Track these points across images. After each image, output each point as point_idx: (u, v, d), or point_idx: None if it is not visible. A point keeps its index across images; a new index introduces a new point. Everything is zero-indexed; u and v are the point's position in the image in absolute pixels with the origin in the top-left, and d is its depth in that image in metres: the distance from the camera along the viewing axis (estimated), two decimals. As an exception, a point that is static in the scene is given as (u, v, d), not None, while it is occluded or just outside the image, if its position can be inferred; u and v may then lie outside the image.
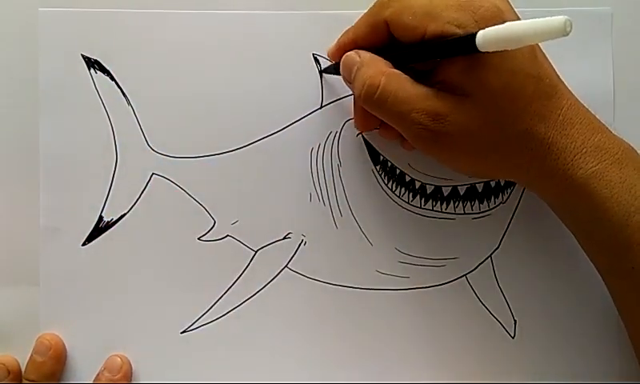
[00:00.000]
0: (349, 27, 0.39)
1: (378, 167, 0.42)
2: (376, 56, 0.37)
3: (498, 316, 0.42)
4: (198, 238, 0.42)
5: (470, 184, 0.42)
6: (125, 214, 0.42)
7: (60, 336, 0.41)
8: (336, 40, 0.40)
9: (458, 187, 0.42)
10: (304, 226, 0.42)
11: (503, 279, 0.43)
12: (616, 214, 0.34)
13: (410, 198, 0.42)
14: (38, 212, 0.41)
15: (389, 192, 0.42)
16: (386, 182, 0.42)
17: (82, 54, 0.42)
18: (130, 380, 0.41)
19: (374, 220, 0.42)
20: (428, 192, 0.42)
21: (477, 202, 0.42)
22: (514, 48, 0.31)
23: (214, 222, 0.42)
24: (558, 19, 0.29)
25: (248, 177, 0.42)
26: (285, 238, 0.42)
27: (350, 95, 0.42)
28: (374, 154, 0.42)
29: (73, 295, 0.41)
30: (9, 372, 0.41)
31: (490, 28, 0.31)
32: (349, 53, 0.38)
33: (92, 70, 0.42)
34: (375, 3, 0.38)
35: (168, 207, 0.42)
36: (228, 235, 0.42)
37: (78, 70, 0.42)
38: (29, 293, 0.42)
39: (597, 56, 0.43)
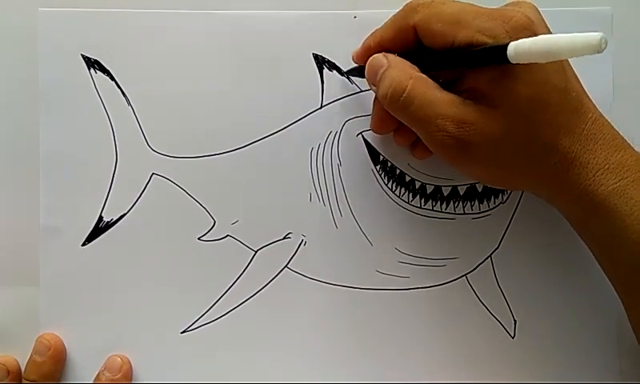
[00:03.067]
0: (376, 29, 0.39)
1: (378, 167, 0.42)
2: (403, 59, 0.37)
3: (498, 316, 0.42)
4: (198, 238, 0.42)
5: (470, 184, 0.42)
6: (125, 214, 0.42)
7: (60, 336, 0.41)
8: (362, 42, 0.40)
9: (458, 187, 0.42)
10: (304, 226, 0.42)
11: (503, 279, 0.43)
12: (636, 231, 0.34)
13: (410, 198, 0.42)
14: (38, 212, 0.41)
15: (389, 192, 0.42)
16: (386, 182, 0.42)
17: (81, 54, 0.42)
18: (130, 380, 0.41)
19: (374, 220, 0.42)
20: (428, 192, 0.42)
21: (477, 202, 0.42)
22: (545, 61, 0.31)
23: (214, 222, 0.42)
24: (593, 36, 0.29)
25: (248, 177, 0.42)
26: (285, 237, 0.42)
27: (350, 95, 0.42)
28: (374, 154, 0.42)
29: (73, 295, 0.41)
30: (8, 372, 0.41)
31: (522, 40, 0.31)
32: (376, 55, 0.38)
33: (92, 70, 0.42)
34: (404, 7, 0.37)
35: (168, 207, 0.42)
36: (228, 235, 0.42)
37: (78, 69, 0.42)
38: (29, 293, 0.42)
39: (597, 56, 0.43)
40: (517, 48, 0.32)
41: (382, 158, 0.42)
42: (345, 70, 0.42)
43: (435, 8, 0.36)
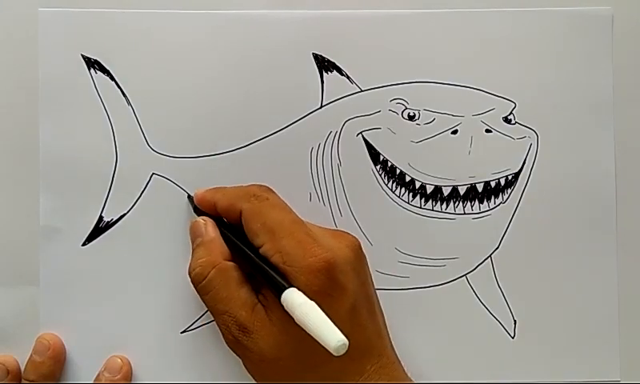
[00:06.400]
0: (222, 187, 0.40)
1: (378, 167, 0.42)
2: (217, 239, 0.38)
3: (498, 316, 0.42)
4: (198, 238, 0.42)
5: (470, 184, 0.42)
6: (125, 214, 0.42)
7: (60, 336, 0.41)
8: (207, 188, 0.40)
9: (458, 187, 0.42)
10: (304, 226, 0.42)
11: (503, 279, 0.43)
12: None
13: (410, 198, 0.42)
14: (38, 212, 0.41)
15: (389, 192, 0.42)
16: (386, 182, 0.42)
17: (81, 54, 0.42)
18: (130, 380, 0.41)
19: (374, 220, 0.42)
20: (428, 192, 0.42)
21: (477, 202, 0.42)
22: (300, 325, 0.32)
23: (214, 222, 0.42)
24: (336, 337, 0.30)
25: (248, 177, 0.42)
26: (285, 238, 0.42)
27: (350, 95, 0.42)
28: (374, 154, 0.42)
29: (73, 295, 0.41)
30: (8, 372, 0.41)
31: (293, 296, 0.33)
32: (199, 220, 0.39)
33: (92, 70, 0.42)
34: (247, 187, 0.39)
35: (168, 207, 0.42)
36: (228, 235, 0.42)
37: (78, 69, 0.42)
38: (29, 293, 0.42)
39: (597, 56, 0.43)
40: (286, 299, 0.33)
41: (382, 158, 0.42)
42: (345, 70, 0.42)
43: (264, 207, 0.37)
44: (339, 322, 0.32)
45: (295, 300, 0.32)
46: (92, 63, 0.42)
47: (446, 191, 0.42)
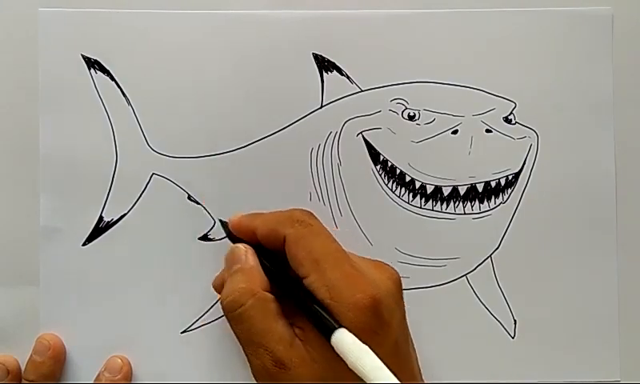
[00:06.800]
0: (260, 213, 0.39)
1: (378, 167, 0.42)
2: (257, 267, 0.36)
3: (498, 316, 0.42)
4: (198, 238, 0.42)
5: (471, 184, 0.42)
6: (125, 214, 0.42)
7: (60, 336, 0.41)
8: (242, 213, 0.39)
9: (459, 187, 0.42)
10: (304, 226, 0.42)
11: (503, 279, 0.43)
12: None
13: (410, 198, 0.42)
14: (38, 212, 0.41)
15: (389, 192, 0.42)
16: (386, 182, 0.42)
17: (81, 54, 0.42)
18: (130, 381, 0.41)
19: (374, 220, 0.42)
20: (428, 192, 0.42)
21: (477, 202, 0.42)
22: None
23: (214, 222, 0.42)
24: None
25: (248, 177, 0.42)
26: (285, 238, 0.42)
27: (350, 95, 0.42)
28: (374, 154, 0.42)
29: (73, 295, 0.41)
30: (8, 372, 0.41)
31: (346, 339, 0.31)
32: (238, 246, 0.37)
33: (92, 70, 0.42)
34: (288, 212, 0.37)
35: (168, 207, 0.42)
36: (228, 235, 0.42)
37: (78, 69, 0.42)
38: (29, 293, 0.42)
39: (597, 56, 0.43)
40: (336, 341, 0.32)
41: (382, 158, 0.42)
42: (345, 70, 0.42)
43: (309, 234, 0.35)
44: (385, 357, 0.31)
45: (346, 342, 0.31)
46: (92, 63, 0.42)
47: (446, 191, 0.42)
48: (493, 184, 0.42)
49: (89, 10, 0.42)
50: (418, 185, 0.42)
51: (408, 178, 0.42)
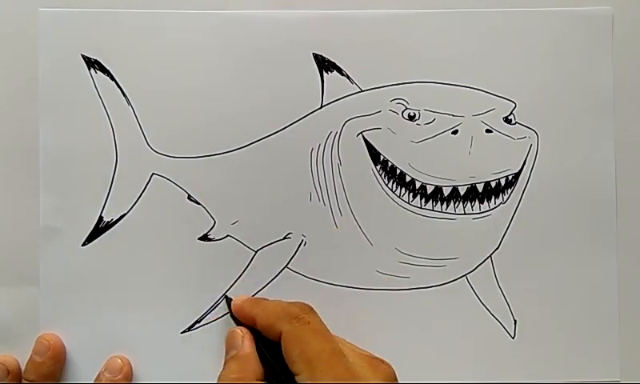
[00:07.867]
0: (262, 299, 0.40)
1: (378, 167, 0.42)
2: (252, 355, 0.37)
3: (498, 316, 0.43)
4: (198, 238, 0.42)
5: (471, 184, 0.42)
6: (125, 214, 0.42)
7: (60, 336, 0.41)
8: (247, 297, 0.40)
9: (459, 187, 0.42)
10: (304, 226, 0.42)
11: (503, 279, 0.43)
12: None
13: (411, 198, 0.42)
14: (38, 212, 0.41)
15: (389, 192, 0.42)
16: (386, 182, 0.42)
17: (81, 54, 0.42)
18: (130, 381, 0.41)
19: (374, 220, 0.42)
20: (428, 192, 0.42)
21: (477, 202, 0.42)
22: None
23: (214, 222, 0.42)
24: None
25: (248, 177, 0.42)
26: (285, 238, 0.42)
27: (350, 95, 0.42)
28: (374, 154, 0.42)
29: (73, 295, 0.41)
30: (8, 372, 0.41)
31: None
32: (237, 330, 0.39)
33: (92, 70, 0.42)
34: (288, 308, 0.38)
35: (168, 207, 0.42)
36: (228, 235, 0.42)
37: (78, 69, 0.42)
38: (29, 293, 0.42)
39: (597, 56, 0.43)
40: None
41: (382, 158, 0.42)
42: (345, 70, 0.42)
43: (305, 332, 0.36)
44: None
45: None
46: (92, 63, 0.42)
47: (447, 191, 0.42)
48: (493, 184, 0.42)
49: (89, 9, 0.42)
50: (418, 185, 0.42)
51: (408, 178, 0.42)
